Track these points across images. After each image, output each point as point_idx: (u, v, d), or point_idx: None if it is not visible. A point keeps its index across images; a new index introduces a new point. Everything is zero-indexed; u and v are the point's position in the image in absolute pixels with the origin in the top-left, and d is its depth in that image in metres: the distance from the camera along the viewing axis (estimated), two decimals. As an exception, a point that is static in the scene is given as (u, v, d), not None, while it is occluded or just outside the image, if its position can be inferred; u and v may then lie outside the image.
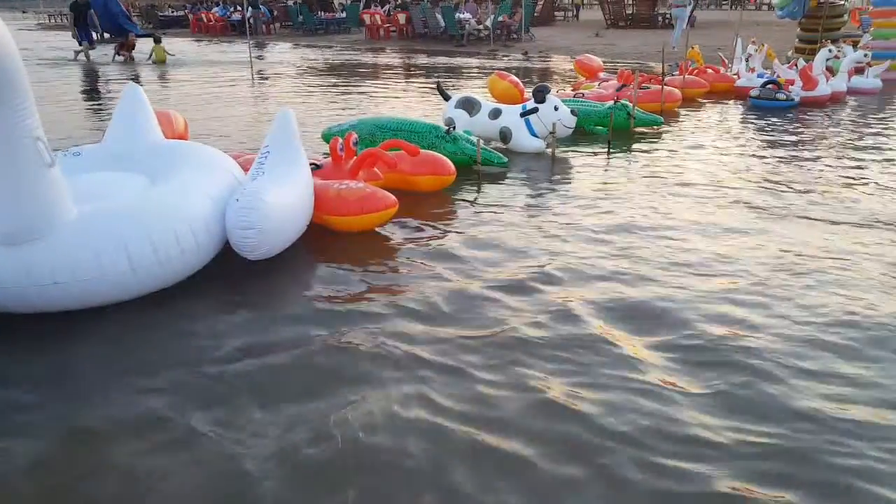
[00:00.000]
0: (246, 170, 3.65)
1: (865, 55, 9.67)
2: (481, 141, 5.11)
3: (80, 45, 15.53)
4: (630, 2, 25.81)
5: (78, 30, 15.60)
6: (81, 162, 3.52)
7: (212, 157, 3.62)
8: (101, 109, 8.67)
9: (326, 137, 5.42)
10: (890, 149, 5.99)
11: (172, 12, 32.69)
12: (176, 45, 17.61)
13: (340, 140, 4.35)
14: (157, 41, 15.27)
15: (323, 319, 2.84)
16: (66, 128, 7.05)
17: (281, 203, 3.25)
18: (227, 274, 3.26)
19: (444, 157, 4.63)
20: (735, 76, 9.29)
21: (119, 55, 15.46)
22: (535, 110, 5.58)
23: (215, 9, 28.52)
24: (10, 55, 2.45)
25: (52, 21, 42.37)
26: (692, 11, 15.97)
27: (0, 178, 2.58)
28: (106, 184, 3.33)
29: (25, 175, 2.62)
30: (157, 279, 2.98)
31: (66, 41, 17.88)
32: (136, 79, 12.18)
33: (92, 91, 10.99)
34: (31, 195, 2.67)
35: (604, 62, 10.19)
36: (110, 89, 10.83)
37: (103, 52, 15.83)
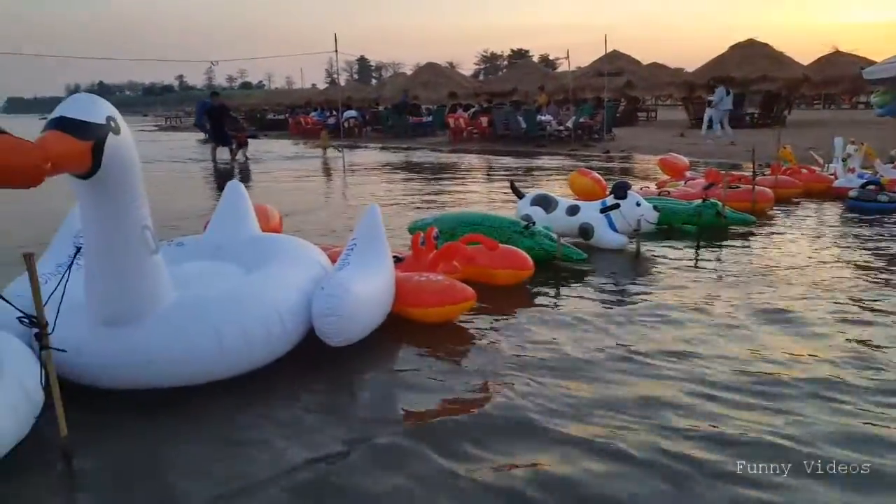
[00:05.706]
0: (334, 261, 3.82)
1: None
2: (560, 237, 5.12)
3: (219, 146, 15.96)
4: (715, 102, 25.87)
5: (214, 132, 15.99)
6: (184, 251, 3.84)
7: (302, 249, 3.84)
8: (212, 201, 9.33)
9: (412, 230, 5.58)
10: None
11: (274, 116, 35.52)
12: (276, 145, 18.92)
13: (422, 234, 4.48)
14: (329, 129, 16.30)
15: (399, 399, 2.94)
16: (172, 216, 7.57)
17: (364, 293, 3.36)
18: (308, 358, 3.36)
19: (523, 252, 4.66)
20: (832, 176, 8.77)
21: (235, 155, 15.90)
22: (616, 206, 5.56)
23: (312, 113, 30.86)
24: (132, 157, 2.74)
25: (168, 123, 47.37)
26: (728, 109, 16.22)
27: (110, 262, 2.80)
28: (204, 272, 3.58)
29: (132, 260, 2.83)
30: (245, 362, 3.09)
31: (183, 140, 19.50)
32: (243, 174, 13.17)
33: (205, 185, 11.97)
34: (135, 279, 2.86)
35: (689, 161, 10.09)
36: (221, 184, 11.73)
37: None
